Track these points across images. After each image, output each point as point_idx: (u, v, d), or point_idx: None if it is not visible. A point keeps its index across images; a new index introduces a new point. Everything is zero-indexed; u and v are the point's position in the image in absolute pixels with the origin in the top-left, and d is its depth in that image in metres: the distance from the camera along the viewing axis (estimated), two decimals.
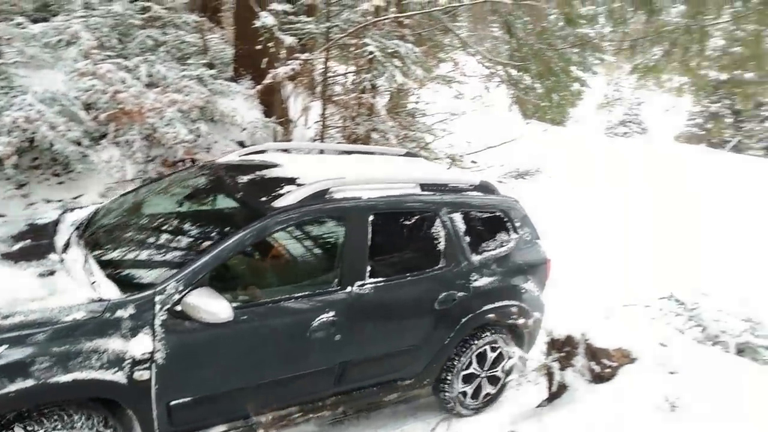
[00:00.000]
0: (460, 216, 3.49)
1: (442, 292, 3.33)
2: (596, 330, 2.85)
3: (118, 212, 3.38)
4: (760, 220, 11.32)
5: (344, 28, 5.88)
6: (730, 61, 7.07)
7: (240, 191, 3.19)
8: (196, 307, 2.43)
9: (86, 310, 2.34)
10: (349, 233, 3.03)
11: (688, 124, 20.11)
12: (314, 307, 2.86)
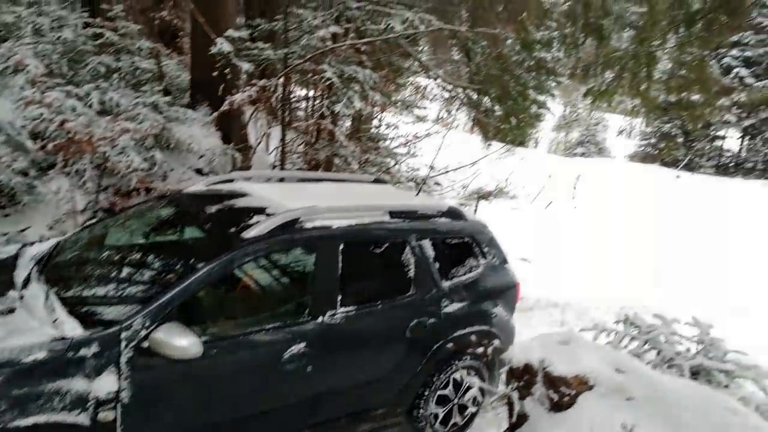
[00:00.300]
0: (429, 242, 3.51)
1: (413, 320, 3.33)
2: (554, 357, 2.84)
3: (80, 245, 3.28)
4: (714, 237, 11.71)
5: (302, 55, 5.87)
6: (677, 85, 7.38)
7: (208, 222, 3.16)
8: (163, 343, 2.35)
9: (48, 350, 2.24)
10: (319, 262, 3.02)
11: (642, 144, 20.79)
12: (285, 338, 2.81)
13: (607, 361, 2.87)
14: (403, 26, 5.57)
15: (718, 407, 2.58)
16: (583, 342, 3.06)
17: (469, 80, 10.26)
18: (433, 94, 11.28)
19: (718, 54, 16.79)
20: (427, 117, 13.29)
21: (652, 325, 3.34)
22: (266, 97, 5.62)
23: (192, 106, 6.38)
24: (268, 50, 5.94)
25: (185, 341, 2.36)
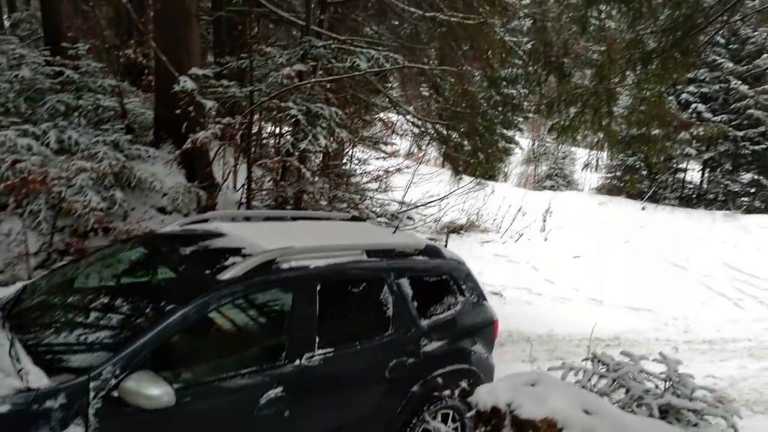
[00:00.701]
0: (407, 281, 3.48)
1: (392, 359, 3.27)
2: (522, 399, 2.76)
3: (48, 289, 3.15)
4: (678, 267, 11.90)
5: (268, 92, 5.85)
6: (638, 120, 7.61)
7: (182, 263, 3.08)
8: (134, 392, 2.24)
9: (11, 403, 2.12)
10: (296, 304, 2.96)
11: (608, 177, 21.27)
12: (261, 382, 2.72)
13: (575, 402, 2.80)
14: (369, 64, 5.61)
15: None
16: (552, 382, 2.99)
17: (438, 116, 10.43)
18: (403, 129, 11.41)
19: (675, 90, 17.44)
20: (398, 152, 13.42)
21: (619, 363, 3.31)
22: (231, 134, 5.55)
23: (155, 144, 6.27)
24: (233, 88, 5.91)
25: (157, 390, 2.26)
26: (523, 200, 14.25)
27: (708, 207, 18.09)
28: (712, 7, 5.97)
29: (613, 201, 18.63)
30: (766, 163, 17.11)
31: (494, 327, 4.01)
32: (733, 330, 8.52)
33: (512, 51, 9.50)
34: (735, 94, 17.24)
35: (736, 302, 10.13)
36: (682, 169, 19.55)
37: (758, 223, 16.08)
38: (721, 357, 7.35)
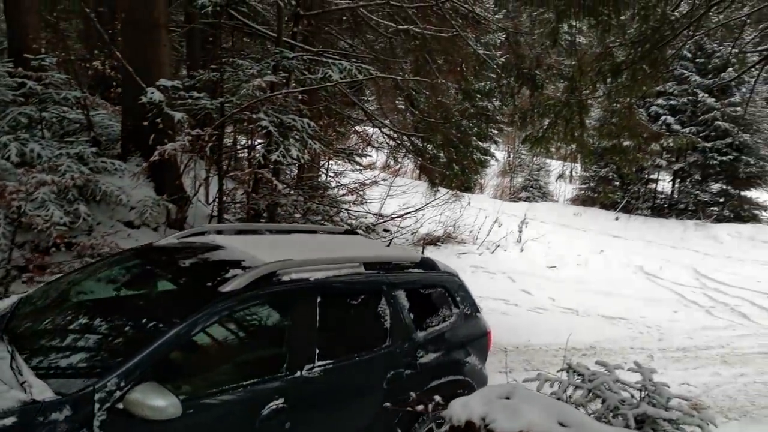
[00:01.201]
0: (404, 293, 3.52)
1: (390, 371, 3.29)
2: (497, 413, 2.70)
3: (45, 302, 3.10)
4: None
5: (239, 104, 5.77)
6: (609, 131, 7.72)
7: (183, 276, 3.11)
8: (140, 404, 2.22)
9: (17, 416, 2.09)
10: (296, 316, 2.98)
11: (582, 188, 21.58)
12: (263, 394, 2.71)
13: (550, 414, 2.75)
14: (341, 75, 5.58)
15: None
16: (527, 394, 2.94)
17: (414, 128, 10.46)
18: (379, 142, 11.42)
19: (645, 103, 17.84)
20: (375, 165, 13.40)
21: (595, 373, 3.27)
22: (201, 146, 5.44)
23: (123, 157, 6.13)
24: (204, 99, 5.81)
25: (163, 401, 2.24)
26: (499, 211, 14.33)
27: (679, 216, 18.46)
28: (678, 20, 6.10)
29: (587, 211, 18.90)
30: (733, 173, 17.55)
31: (487, 338, 4.07)
32: (705, 337, 8.62)
33: (486, 64, 9.61)
34: (702, 106, 17.71)
35: (708, 310, 10.27)
36: (654, 180, 19.95)
37: (727, 231, 16.44)
38: (695, 364, 7.40)
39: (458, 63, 9.72)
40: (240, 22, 8.31)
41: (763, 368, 7.47)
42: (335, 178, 9.84)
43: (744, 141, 17.25)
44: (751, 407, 6.23)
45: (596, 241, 14.67)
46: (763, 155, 17.61)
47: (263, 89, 5.78)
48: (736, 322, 9.67)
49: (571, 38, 7.48)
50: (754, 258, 14.40)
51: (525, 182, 23.68)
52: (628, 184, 19.47)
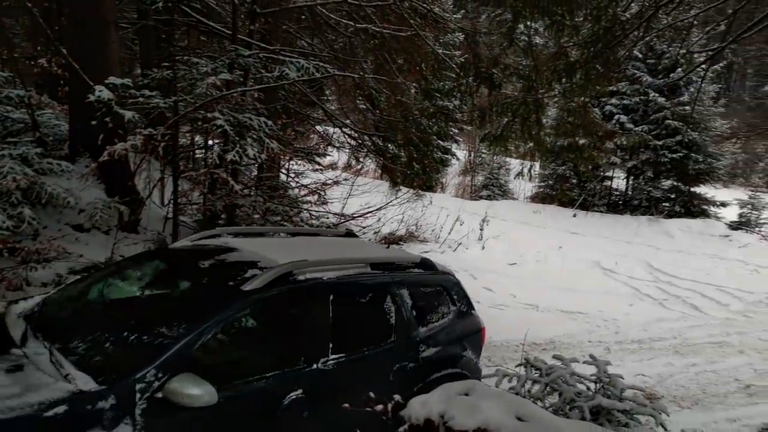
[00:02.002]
0: (406, 292, 3.76)
1: (395, 364, 3.51)
2: (455, 409, 2.70)
3: (71, 301, 3.28)
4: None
5: (193, 102, 5.61)
6: (564, 130, 7.87)
7: (206, 276, 3.32)
8: (178, 393, 2.38)
9: (67, 404, 2.25)
10: (312, 313, 3.19)
11: (541, 186, 22.01)
12: (285, 385, 2.90)
13: (508, 409, 2.77)
14: (299, 73, 5.49)
15: None
16: (485, 390, 2.96)
17: (375, 128, 10.44)
18: (340, 142, 11.34)
19: (600, 102, 18.31)
20: (336, 165, 13.32)
21: (551, 367, 3.32)
22: (154, 146, 5.27)
23: (71, 158, 5.88)
24: (156, 98, 5.63)
25: (199, 390, 2.40)
26: (460, 210, 14.46)
27: (633, 213, 19.03)
28: (628, 21, 6.27)
29: (546, 209, 19.27)
30: (683, 170, 18.18)
31: (482, 334, 4.30)
32: (659, 329, 8.89)
33: (445, 63, 9.66)
34: (654, 105, 18.30)
35: (661, 302, 10.61)
36: (609, 178, 20.50)
37: (678, 226, 17.04)
38: (649, 356, 7.63)
39: (418, 62, 9.75)
40: (194, 20, 8.11)
41: (713, 358, 7.76)
42: (295, 179, 9.72)
43: (693, 139, 17.90)
44: (702, 395, 6.46)
45: (555, 238, 14.97)
46: (710, 152, 18.30)
47: (218, 88, 5.64)
48: (687, 314, 10.01)
49: (528, 39, 7.60)
50: (704, 252, 14.97)
51: (485, 181, 23.99)
52: (584, 181, 19.95)
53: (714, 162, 18.36)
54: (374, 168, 18.81)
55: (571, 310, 9.13)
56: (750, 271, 13.40)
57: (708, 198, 18.77)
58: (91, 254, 5.52)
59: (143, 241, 5.99)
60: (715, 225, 17.39)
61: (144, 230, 6.23)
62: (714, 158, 18.39)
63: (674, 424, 4.45)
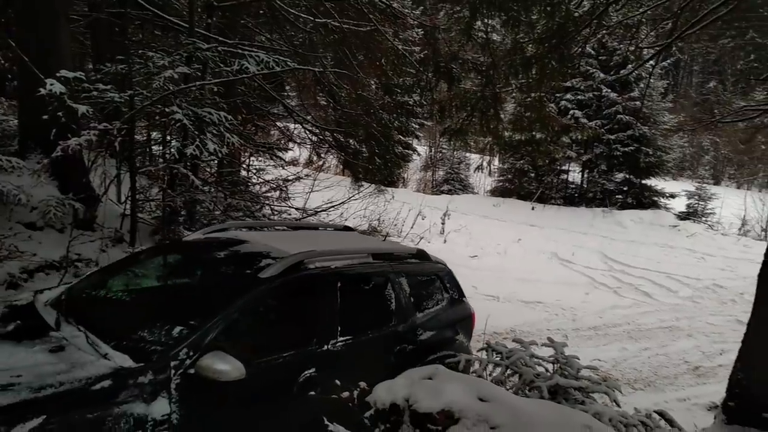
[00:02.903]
0: (405, 280, 4.05)
1: (396, 346, 3.80)
2: (420, 393, 2.77)
3: (97, 290, 3.51)
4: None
5: (149, 96, 5.50)
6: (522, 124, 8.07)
7: (223, 265, 3.61)
8: (209, 368, 2.61)
9: (111, 379, 2.47)
10: (322, 298, 3.43)
11: (500, 180, 22.43)
12: (300, 363, 3.15)
13: (471, 391, 2.85)
14: (258, 67, 5.45)
15: (575, 425, 2.66)
16: (448, 374, 3.03)
17: (336, 124, 10.43)
18: (301, 138, 11.28)
19: (555, 98, 18.79)
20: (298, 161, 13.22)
21: (512, 350, 3.44)
22: (110, 141, 5.14)
23: (21, 154, 5.67)
24: (111, 92, 5.48)
25: (228, 366, 2.63)
26: (422, 204, 14.60)
27: (588, 205, 19.63)
28: (581, 17, 6.46)
29: (505, 202, 19.67)
30: (635, 164, 18.86)
31: (472, 319, 4.68)
32: (614, 316, 9.24)
33: (405, 59, 9.74)
34: (606, 101, 18.91)
35: (615, 290, 11.01)
36: (565, 171, 21.08)
37: (630, 217, 17.68)
38: (604, 341, 7.92)
39: (378, 58, 9.80)
40: (149, 13, 7.92)
41: (664, 342, 8.11)
42: (257, 175, 9.63)
43: (643, 133, 18.59)
44: (654, 378, 6.76)
45: (514, 231, 15.31)
46: (660, 146, 19.04)
47: (176, 82, 5.54)
48: (640, 301, 10.43)
49: (486, 35, 7.74)
50: (654, 241, 15.59)
51: (446, 176, 24.24)
52: (542, 175, 20.45)
53: (663, 155, 19.11)
54: (336, 164, 18.80)
55: (530, 300, 9.37)
56: (697, 259, 14.05)
57: (658, 190, 19.53)
58: (44, 253, 5.36)
59: (100, 239, 5.84)
60: (664, 216, 18.12)
61: (100, 228, 6.07)
62: (663, 151, 19.14)
63: (628, 405, 4.66)
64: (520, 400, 2.86)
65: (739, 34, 18.34)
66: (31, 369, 2.44)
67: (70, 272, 5.38)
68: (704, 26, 6.45)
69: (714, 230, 18.02)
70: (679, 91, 45.35)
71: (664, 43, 6.19)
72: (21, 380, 2.33)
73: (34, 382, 2.33)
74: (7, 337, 2.76)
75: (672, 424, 3.53)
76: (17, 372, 2.39)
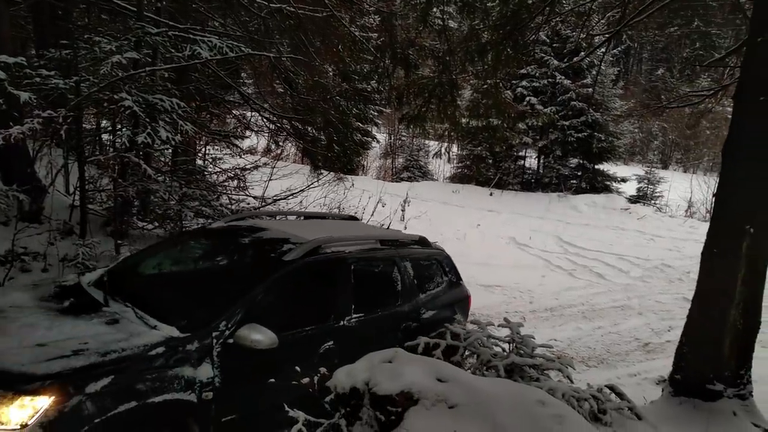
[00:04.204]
0: (409, 264, 4.48)
1: (402, 323, 4.19)
2: (379, 376, 2.80)
3: (136, 271, 3.93)
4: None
5: (96, 82, 5.29)
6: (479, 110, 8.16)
7: (250, 249, 3.97)
8: (247, 338, 3.00)
9: (165, 346, 2.86)
10: (338, 279, 3.81)
11: (459, 166, 22.67)
12: (319, 337, 3.56)
13: (430, 373, 2.90)
14: (211, 53, 5.32)
15: (529, 401, 2.74)
16: (407, 357, 3.07)
17: (294, 111, 10.28)
18: (258, 125, 11.07)
19: (512, 85, 19.07)
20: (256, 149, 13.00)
21: (469, 332, 3.51)
22: (55, 129, 4.93)
23: None
24: (55, 78, 5.24)
25: (262, 336, 3.01)
26: (382, 192, 14.62)
27: (545, 190, 20.09)
28: (534, 5, 6.57)
29: (464, 188, 19.91)
30: (588, 149, 19.37)
31: (468, 301, 5.14)
32: (569, 297, 9.53)
33: (362, 45, 9.66)
34: (560, 87, 19.30)
35: (570, 272, 11.33)
36: (522, 157, 21.47)
37: (585, 202, 18.19)
38: (560, 322, 8.16)
39: (335, 44, 9.68)
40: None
41: (616, 320, 8.42)
42: (213, 163, 9.42)
43: (596, 119, 19.09)
44: (607, 355, 7.02)
45: (473, 216, 15.53)
46: (612, 132, 19.59)
47: (125, 67, 5.35)
48: (593, 282, 10.77)
49: (442, 21, 7.77)
50: (607, 224, 16.11)
51: (406, 163, 24.32)
52: (499, 161, 20.77)
53: (615, 141, 19.68)
54: (295, 152, 18.58)
55: (489, 284, 9.55)
56: (647, 240, 14.60)
57: (610, 174, 20.14)
58: None
59: (48, 231, 5.63)
60: (616, 199, 18.72)
61: (48, 220, 5.84)
62: (615, 137, 19.71)
63: (582, 382, 4.83)
64: (477, 380, 2.92)
65: (685, 22, 18.98)
66: (95, 338, 2.80)
67: (16, 266, 5.18)
68: (651, 14, 6.67)
69: (662, 212, 18.76)
70: (630, 78, 46.74)
71: (613, 30, 6.36)
72: (89, 347, 2.70)
73: (100, 348, 2.70)
74: (67, 312, 3.14)
75: (622, 398, 3.68)
76: (84, 340, 2.76)
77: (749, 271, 4.17)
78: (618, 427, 3.33)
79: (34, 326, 2.88)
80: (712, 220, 4.49)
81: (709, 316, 4.35)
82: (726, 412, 4.15)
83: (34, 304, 3.20)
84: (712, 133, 33.21)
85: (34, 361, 2.54)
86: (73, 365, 2.56)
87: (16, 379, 2.44)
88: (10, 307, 3.12)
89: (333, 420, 2.72)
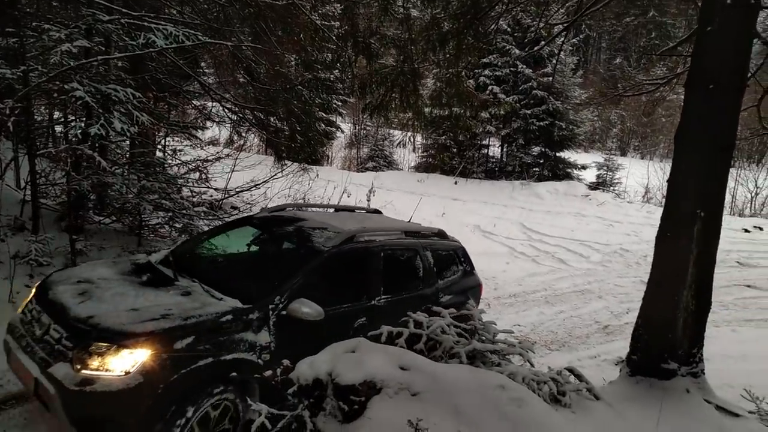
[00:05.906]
0: (430, 254, 5.05)
1: (423, 305, 4.61)
2: (342, 366, 2.81)
3: (196, 252, 4.61)
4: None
5: (45, 72, 5.08)
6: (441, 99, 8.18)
7: (295, 236, 4.47)
8: (298, 311, 3.52)
9: (232, 314, 3.38)
10: (370, 265, 4.35)
11: (424, 155, 22.75)
12: (354, 314, 4.11)
13: (392, 361, 2.93)
14: (167, 42, 5.16)
15: (490, 386, 2.80)
16: (370, 346, 3.09)
17: (256, 102, 10.10)
18: (220, 116, 10.85)
19: (474, 74, 19.19)
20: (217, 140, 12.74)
21: (431, 320, 3.54)
22: (2, 121, 4.73)
23: None
24: (2, 68, 5.01)
25: (310, 309, 3.52)
26: (347, 182, 14.58)
27: (508, 178, 20.36)
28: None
29: (429, 177, 20.00)
30: (549, 137, 19.71)
31: (480, 288, 5.77)
32: (532, 283, 9.73)
33: (324, 34, 9.55)
34: (522, 76, 19.53)
35: (533, 259, 11.56)
36: (486, 146, 21.68)
37: (547, 189, 18.53)
38: (524, 307, 8.33)
39: (296, 33, 9.54)
40: None
41: (577, 304, 8.65)
42: (173, 155, 9.19)
43: (557, 107, 19.41)
44: (568, 338, 7.21)
45: (438, 205, 15.63)
46: (572, 120, 19.96)
47: (76, 56, 5.15)
48: (555, 267, 11.02)
49: (404, 10, 7.74)
50: (569, 211, 16.46)
51: (371, 153, 24.27)
52: (463, 150, 20.93)
53: (575, 128, 20.06)
54: (258, 142, 18.30)
55: None
56: (606, 226, 14.99)
57: (571, 162, 20.54)
58: None
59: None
60: (577, 186, 19.13)
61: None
62: (575, 125, 20.09)
63: (544, 365, 4.94)
64: (439, 367, 2.96)
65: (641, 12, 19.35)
66: (176, 305, 3.32)
67: None
68: (608, 4, 6.79)
69: (621, 198, 19.27)
70: (589, 67, 47.66)
71: (571, 19, 6.46)
72: (173, 312, 3.22)
73: (182, 314, 3.21)
74: (147, 285, 3.64)
75: (580, 379, 3.79)
76: (168, 307, 3.28)
77: (701, 254, 4.33)
78: (576, 407, 3.43)
79: (123, 295, 3.41)
80: (666, 205, 4.63)
81: (663, 297, 4.49)
82: (679, 390, 4.32)
83: (119, 278, 3.72)
84: (667, 121, 34.25)
85: (132, 322, 3.07)
86: (162, 326, 3.07)
87: (119, 336, 2.97)
88: (98, 279, 3.66)
89: (296, 412, 2.71)
